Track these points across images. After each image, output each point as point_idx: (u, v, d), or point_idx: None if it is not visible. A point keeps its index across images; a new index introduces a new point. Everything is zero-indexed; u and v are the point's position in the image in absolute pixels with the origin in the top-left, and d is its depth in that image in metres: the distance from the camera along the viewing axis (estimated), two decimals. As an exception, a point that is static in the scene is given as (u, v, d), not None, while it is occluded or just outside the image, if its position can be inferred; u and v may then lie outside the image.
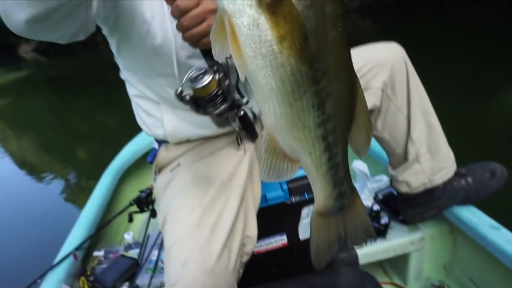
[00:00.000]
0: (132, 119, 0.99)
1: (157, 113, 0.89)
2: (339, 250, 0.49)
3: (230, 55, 0.36)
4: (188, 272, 0.70)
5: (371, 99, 1.00)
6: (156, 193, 0.99)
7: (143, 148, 1.70)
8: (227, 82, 0.63)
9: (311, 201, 1.04)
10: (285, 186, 1.02)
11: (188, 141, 0.94)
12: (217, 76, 0.62)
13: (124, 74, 0.92)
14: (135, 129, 0.93)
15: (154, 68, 0.82)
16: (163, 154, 0.96)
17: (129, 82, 0.92)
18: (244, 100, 0.67)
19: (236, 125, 0.81)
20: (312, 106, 0.37)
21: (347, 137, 0.44)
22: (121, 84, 0.95)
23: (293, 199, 1.03)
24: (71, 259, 1.14)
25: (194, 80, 0.62)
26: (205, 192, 0.83)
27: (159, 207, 0.94)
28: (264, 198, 0.99)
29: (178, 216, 0.82)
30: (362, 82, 0.96)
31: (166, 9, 0.73)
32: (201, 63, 0.68)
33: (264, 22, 0.33)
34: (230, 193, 0.84)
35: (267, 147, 0.42)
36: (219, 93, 0.62)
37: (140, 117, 0.95)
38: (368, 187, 1.42)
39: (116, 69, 0.93)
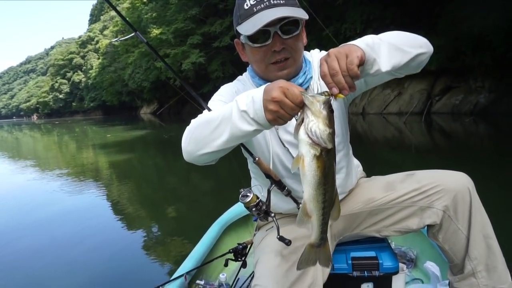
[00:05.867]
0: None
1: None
2: (313, 265, 0.92)
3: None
4: None
5: (432, 216, 1.16)
6: (254, 243, 1.37)
7: (246, 210, 2.13)
8: (257, 201, 1.10)
9: (370, 278, 1.27)
10: (350, 261, 1.25)
11: (281, 213, 1.32)
12: (254, 198, 1.10)
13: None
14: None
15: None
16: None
17: (251, 171, 1.36)
18: (272, 215, 1.11)
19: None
20: (322, 193, 0.81)
21: (330, 211, 0.85)
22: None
23: (355, 273, 1.25)
24: (182, 279, 1.55)
25: (242, 197, 1.11)
26: (284, 249, 1.13)
27: (255, 252, 1.30)
28: (332, 266, 1.26)
29: (265, 259, 1.14)
30: (425, 200, 1.16)
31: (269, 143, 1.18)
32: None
33: (314, 161, 0.79)
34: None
35: (301, 208, 0.84)
36: (253, 207, 1.11)
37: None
38: (437, 288, 1.55)
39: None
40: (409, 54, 0.96)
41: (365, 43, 0.89)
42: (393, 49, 0.93)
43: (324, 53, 1.25)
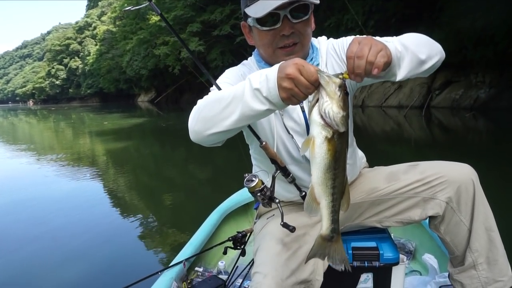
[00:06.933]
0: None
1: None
2: (323, 259, 0.91)
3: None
4: (266, 281, 1.00)
5: (435, 207, 1.15)
6: (254, 231, 1.36)
7: (246, 199, 2.14)
8: (262, 187, 1.08)
9: (370, 269, 1.27)
10: (350, 251, 1.26)
11: (283, 201, 1.30)
12: (259, 183, 1.08)
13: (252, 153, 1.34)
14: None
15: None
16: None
17: (254, 157, 1.34)
18: (277, 201, 1.10)
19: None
20: (331, 177, 0.79)
21: (340, 198, 0.83)
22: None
23: (355, 264, 1.26)
24: (181, 265, 1.55)
25: (247, 181, 1.09)
26: (285, 237, 1.13)
27: (255, 240, 1.30)
28: (333, 256, 1.26)
29: (266, 247, 1.14)
30: (429, 191, 1.15)
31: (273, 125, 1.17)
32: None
33: (324, 143, 0.77)
34: (303, 243, 1.14)
35: (309, 193, 0.82)
36: (258, 193, 1.09)
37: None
38: (435, 280, 1.55)
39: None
40: (426, 65, 0.97)
41: (395, 51, 0.87)
42: (415, 62, 0.93)
43: (332, 40, 1.23)
